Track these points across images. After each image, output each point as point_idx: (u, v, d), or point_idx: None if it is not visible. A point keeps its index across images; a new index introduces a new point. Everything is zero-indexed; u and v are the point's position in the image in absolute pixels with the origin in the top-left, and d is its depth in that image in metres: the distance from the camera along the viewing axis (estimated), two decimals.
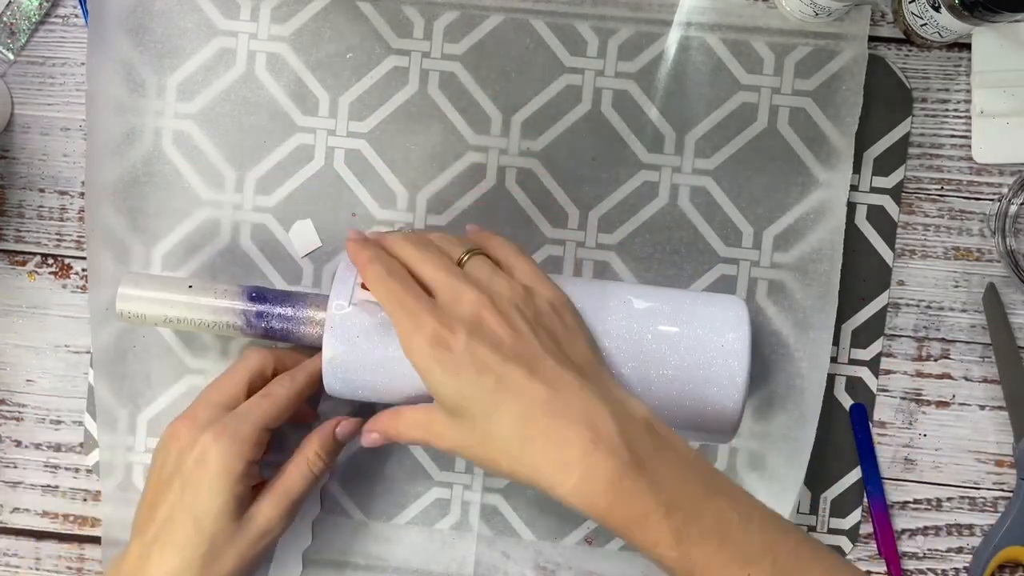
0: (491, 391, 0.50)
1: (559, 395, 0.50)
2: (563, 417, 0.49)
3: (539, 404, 0.49)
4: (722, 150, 0.65)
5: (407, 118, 0.66)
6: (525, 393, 0.50)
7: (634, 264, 0.65)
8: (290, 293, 0.61)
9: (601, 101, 0.65)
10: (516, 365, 0.50)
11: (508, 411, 0.49)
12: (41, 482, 0.68)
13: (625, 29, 0.65)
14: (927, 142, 0.66)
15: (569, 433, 0.48)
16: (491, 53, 0.66)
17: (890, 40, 0.66)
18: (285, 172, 0.66)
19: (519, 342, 0.51)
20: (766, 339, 0.65)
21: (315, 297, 0.61)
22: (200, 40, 0.66)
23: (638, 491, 0.47)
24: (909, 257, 0.66)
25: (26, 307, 0.68)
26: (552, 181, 0.66)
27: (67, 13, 0.67)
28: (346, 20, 0.66)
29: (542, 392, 0.49)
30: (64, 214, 0.68)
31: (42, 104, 0.68)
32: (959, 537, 0.67)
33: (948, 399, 0.66)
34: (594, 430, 0.48)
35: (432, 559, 0.66)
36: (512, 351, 0.51)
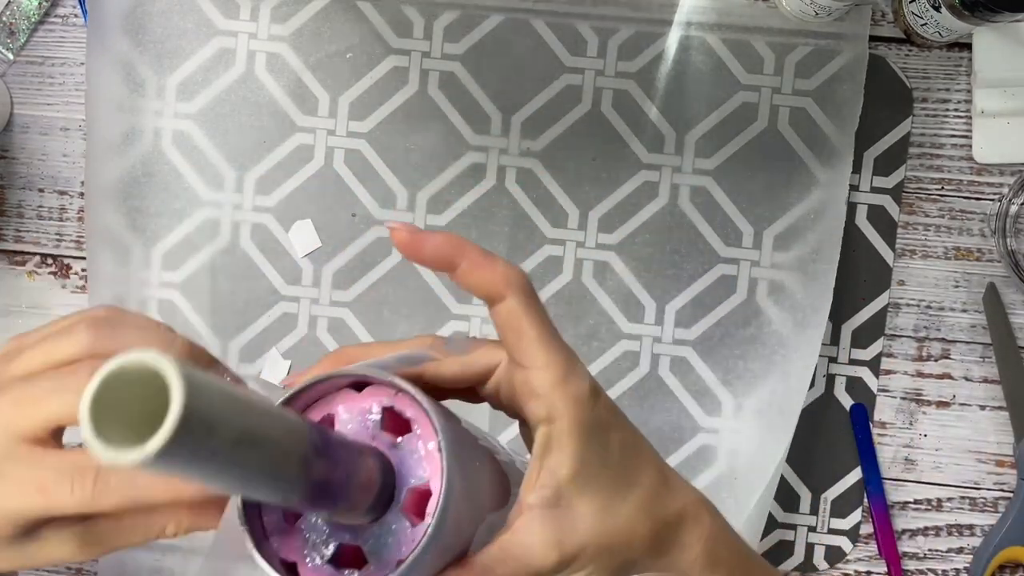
0: (632, 447, 0.41)
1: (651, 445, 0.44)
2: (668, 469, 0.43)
3: (655, 454, 0.43)
4: (722, 150, 0.65)
5: (407, 118, 0.66)
6: (645, 446, 0.42)
7: (634, 264, 0.65)
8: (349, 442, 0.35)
9: (601, 101, 0.65)
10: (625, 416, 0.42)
11: (647, 469, 0.41)
12: None
13: (625, 29, 0.65)
14: (927, 142, 0.66)
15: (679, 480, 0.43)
16: (491, 53, 0.66)
17: (890, 40, 0.66)
18: (285, 172, 0.66)
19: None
20: (766, 339, 0.65)
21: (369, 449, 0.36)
22: (200, 40, 0.66)
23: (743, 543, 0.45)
24: (909, 257, 0.66)
25: (26, 307, 0.68)
26: (552, 181, 0.66)
27: (67, 13, 0.67)
28: (346, 20, 0.66)
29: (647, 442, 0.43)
30: (64, 214, 0.68)
31: (41, 104, 0.67)
32: (959, 537, 0.66)
33: (948, 399, 0.66)
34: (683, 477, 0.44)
35: None
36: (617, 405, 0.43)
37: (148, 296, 0.66)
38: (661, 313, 0.66)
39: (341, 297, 0.66)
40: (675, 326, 0.66)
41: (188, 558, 0.66)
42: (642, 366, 0.66)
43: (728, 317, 0.65)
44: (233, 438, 0.28)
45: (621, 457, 0.40)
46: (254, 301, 0.66)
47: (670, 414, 0.66)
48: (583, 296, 0.66)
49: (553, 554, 0.38)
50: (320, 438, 0.32)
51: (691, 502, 0.42)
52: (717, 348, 0.65)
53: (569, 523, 0.38)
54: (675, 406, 0.66)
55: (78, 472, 0.38)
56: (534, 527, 0.38)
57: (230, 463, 0.29)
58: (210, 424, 0.27)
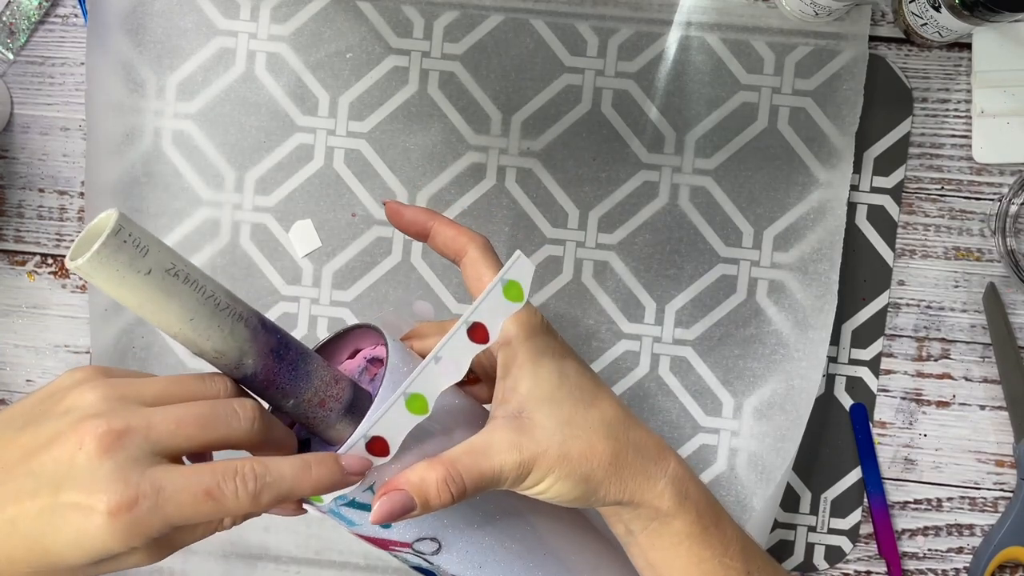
0: (590, 378, 0.47)
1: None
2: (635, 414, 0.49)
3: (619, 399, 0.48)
4: (722, 150, 0.65)
5: (407, 118, 0.66)
6: (608, 387, 0.48)
7: (634, 264, 0.65)
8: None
9: (601, 101, 0.65)
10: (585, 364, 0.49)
11: (607, 396, 0.47)
12: None
13: (625, 29, 0.65)
14: (927, 142, 0.66)
15: (648, 427, 0.48)
16: (491, 53, 0.66)
17: (890, 40, 0.66)
18: (285, 172, 0.66)
19: None
20: (766, 339, 0.65)
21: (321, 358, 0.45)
22: (200, 40, 0.66)
23: (711, 493, 0.49)
24: (909, 257, 0.66)
25: (26, 307, 0.68)
26: (552, 181, 0.66)
27: (67, 13, 0.67)
28: (346, 20, 0.66)
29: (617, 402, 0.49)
30: (64, 214, 0.68)
31: (42, 104, 0.67)
32: (959, 537, 0.66)
33: (948, 399, 0.66)
34: None
35: None
36: None
37: None
38: (661, 313, 0.66)
39: (341, 297, 0.66)
40: (675, 326, 0.66)
41: (188, 558, 0.66)
42: (642, 366, 0.66)
43: (728, 317, 0.65)
44: (166, 266, 0.38)
45: (578, 382, 0.46)
46: (254, 301, 0.66)
47: (670, 414, 0.66)
48: (583, 296, 0.66)
49: (513, 455, 0.43)
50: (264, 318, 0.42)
51: (654, 441, 0.47)
52: (717, 348, 0.65)
53: (528, 431, 0.44)
54: (675, 406, 0.66)
55: (238, 476, 0.39)
56: (496, 432, 0.44)
57: (167, 289, 0.38)
58: (144, 245, 0.37)
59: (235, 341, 0.41)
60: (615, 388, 0.66)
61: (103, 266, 0.37)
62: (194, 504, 0.38)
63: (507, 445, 0.44)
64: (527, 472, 0.44)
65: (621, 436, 0.46)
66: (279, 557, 0.66)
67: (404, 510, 0.42)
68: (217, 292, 0.40)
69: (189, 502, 0.38)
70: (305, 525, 0.66)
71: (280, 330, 0.42)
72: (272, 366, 0.42)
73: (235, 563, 0.66)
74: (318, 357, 0.44)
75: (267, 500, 0.40)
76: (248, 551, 0.66)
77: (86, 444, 0.38)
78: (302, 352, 0.43)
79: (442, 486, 0.42)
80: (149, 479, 0.38)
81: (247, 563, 0.66)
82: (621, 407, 0.47)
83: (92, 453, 0.38)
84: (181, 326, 0.40)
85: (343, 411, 0.44)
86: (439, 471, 0.42)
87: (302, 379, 0.42)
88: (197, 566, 0.66)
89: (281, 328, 0.43)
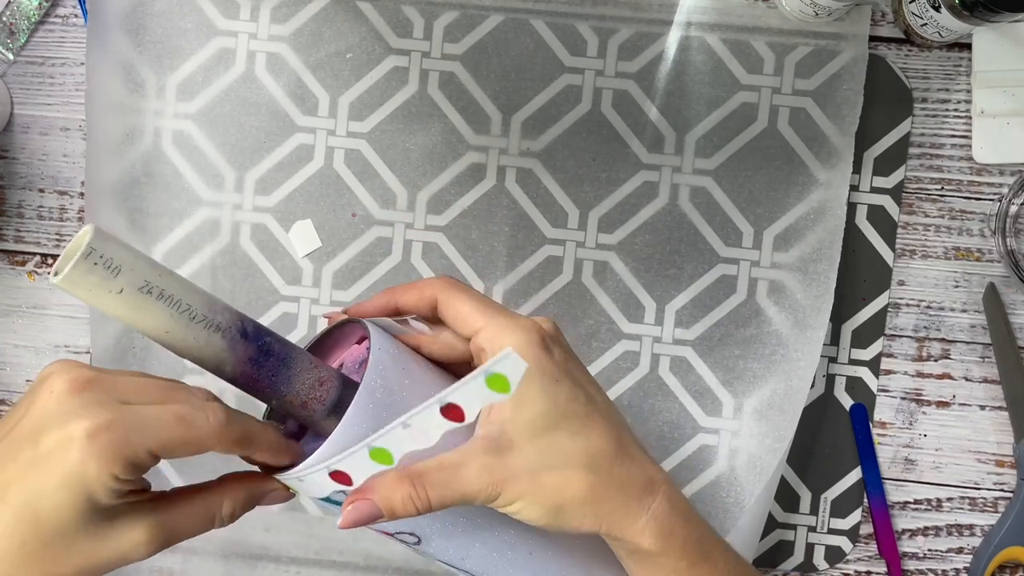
0: (584, 403, 0.46)
1: (627, 425, 0.49)
2: (637, 443, 0.48)
3: (623, 427, 0.48)
4: (722, 150, 0.65)
5: (407, 118, 0.66)
6: (610, 415, 0.47)
7: (634, 264, 0.65)
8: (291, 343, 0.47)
9: (601, 101, 0.65)
10: (595, 388, 0.48)
11: (600, 426, 0.46)
12: None
13: (625, 29, 0.65)
14: (927, 142, 0.66)
15: (646, 458, 0.47)
16: (491, 53, 0.66)
17: (890, 40, 0.66)
18: (285, 172, 0.66)
19: (585, 370, 0.49)
20: (766, 339, 0.65)
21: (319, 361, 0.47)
22: (200, 40, 0.66)
23: (703, 524, 0.48)
24: (909, 257, 0.66)
25: (26, 307, 0.68)
26: (552, 181, 0.66)
27: (67, 13, 0.67)
28: (346, 20, 0.66)
29: (619, 417, 0.48)
30: (64, 214, 0.68)
31: (42, 104, 0.68)
32: (959, 537, 0.67)
33: (948, 399, 0.66)
34: (655, 462, 0.48)
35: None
36: (587, 375, 0.49)
37: None
38: (661, 313, 0.66)
39: (341, 297, 0.66)
40: (675, 326, 0.66)
41: (188, 558, 0.66)
42: (642, 366, 0.66)
43: (728, 317, 0.65)
44: (138, 284, 0.41)
45: (568, 408, 0.45)
46: (255, 301, 0.66)
47: (670, 414, 0.66)
48: (583, 296, 0.66)
49: (483, 477, 0.44)
50: (250, 325, 0.44)
51: (644, 476, 0.46)
52: (717, 348, 0.65)
53: (504, 455, 0.44)
54: (675, 406, 0.66)
55: (208, 407, 0.43)
56: (472, 452, 0.44)
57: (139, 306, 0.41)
58: (115, 266, 0.40)
59: (211, 351, 0.43)
60: (615, 388, 0.66)
61: (76, 286, 0.40)
62: (168, 427, 0.41)
63: (478, 467, 0.44)
64: (496, 494, 0.44)
65: (603, 470, 0.45)
66: (279, 557, 0.66)
67: (371, 518, 0.44)
68: (194, 305, 0.42)
69: (164, 424, 0.41)
70: (305, 525, 0.66)
71: (263, 337, 0.44)
72: (250, 372, 0.44)
73: (235, 563, 0.66)
74: (305, 360, 0.45)
75: (235, 434, 0.43)
76: (248, 551, 0.66)
77: (56, 388, 0.41)
78: (284, 358, 0.45)
79: (407, 501, 0.43)
80: (122, 407, 0.41)
81: (247, 563, 0.66)
82: (613, 438, 0.46)
83: (63, 393, 0.40)
84: (158, 336, 0.42)
85: (327, 411, 0.46)
86: (405, 487, 0.43)
87: (282, 384, 0.45)
88: (197, 566, 0.66)
89: (267, 334, 0.45)
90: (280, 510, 0.66)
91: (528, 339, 0.45)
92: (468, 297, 0.47)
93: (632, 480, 0.46)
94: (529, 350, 0.45)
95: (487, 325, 0.46)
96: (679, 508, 0.47)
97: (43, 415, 0.41)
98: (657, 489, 0.47)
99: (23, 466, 0.41)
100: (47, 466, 0.40)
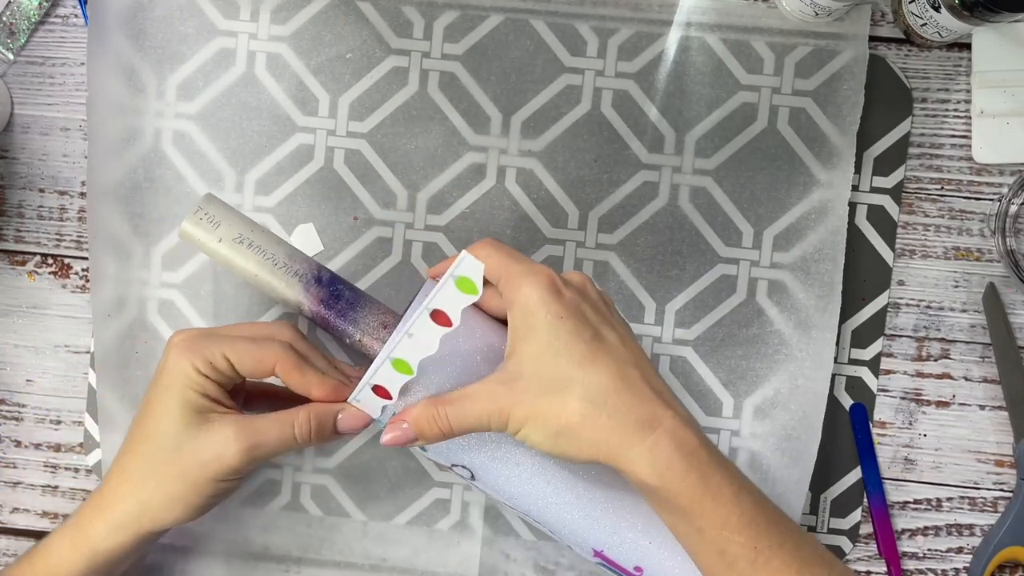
0: (589, 339, 0.51)
1: (645, 365, 0.52)
2: (650, 384, 0.51)
3: (631, 365, 0.51)
4: (722, 150, 0.65)
5: (407, 118, 0.66)
6: (618, 353, 0.51)
7: (635, 264, 0.66)
8: (361, 290, 0.59)
9: (601, 101, 0.65)
10: (611, 330, 0.52)
11: (601, 361, 0.50)
12: (41, 482, 0.68)
13: (625, 29, 0.65)
14: (927, 142, 0.66)
15: (653, 396, 0.51)
16: (491, 53, 0.66)
17: (890, 40, 0.66)
18: (285, 172, 0.66)
19: (613, 317, 0.54)
20: (768, 338, 0.65)
21: (383, 305, 0.59)
22: (200, 41, 0.66)
23: (715, 465, 0.50)
24: (909, 257, 0.66)
25: (26, 307, 0.68)
26: (552, 181, 0.66)
27: (67, 13, 0.67)
28: (346, 21, 0.66)
29: (633, 357, 0.52)
30: (64, 214, 0.68)
31: (42, 104, 0.67)
32: (959, 537, 0.67)
33: (948, 399, 0.66)
34: (673, 403, 0.51)
35: (435, 560, 0.66)
36: (608, 320, 0.53)
37: (148, 296, 0.66)
38: (661, 313, 0.66)
39: None
40: (675, 326, 0.66)
41: (188, 557, 0.66)
42: None
43: (729, 317, 0.65)
44: (233, 236, 0.57)
45: (572, 344, 0.50)
46: (256, 302, 0.66)
47: None
48: None
49: (492, 403, 0.50)
50: (325, 274, 0.57)
51: (647, 410, 0.50)
52: (719, 348, 0.65)
53: (512, 384, 0.50)
54: None
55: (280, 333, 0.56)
56: (486, 382, 0.51)
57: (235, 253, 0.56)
58: (216, 222, 0.57)
59: (291, 293, 0.57)
60: None
61: (189, 236, 0.57)
62: (237, 339, 0.55)
63: (488, 393, 0.51)
64: (505, 419, 0.50)
65: (599, 400, 0.50)
66: (279, 557, 0.66)
67: (407, 439, 0.53)
68: (278, 255, 0.57)
69: (235, 337, 0.55)
70: (306, 525, 0.66)
71: (336, 284, 0.57)
72: (323, 312, 0.57)
73: (235, 563, 0.66)
74: (371, 306, 0.57)
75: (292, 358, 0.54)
76: (248, 551, 0.66)
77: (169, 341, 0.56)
78: (352, 302, 0.57)
79: (431, 421, 0.52)
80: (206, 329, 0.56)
81: (247, 563, 0.66)
82: (614, 373, 0.50)
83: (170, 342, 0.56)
84: (250, 279, 0.57)
85: None
86: (430, 410, 0.52)
87: (350, 323, 0.57)
88: (198, 566, 0.66)
89: (340, 283, 0.57)
90: (281, 509, 0.66)
91: (536, 282, 0.51)
92: (494, 251, 0.53)
93: (630, 412, 0.50)
94: (535, 291, 0.51)
95: (504, 275, 0.52)
96: (684, 445, 0.49)
97: (162, 355, 0.56)
98: (658, 424, 0.50)
99: (148, 393, 0.56)
100: (155, 383, 0.55)
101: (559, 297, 0.51)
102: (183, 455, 0.54)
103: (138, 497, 0.54)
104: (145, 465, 0.54)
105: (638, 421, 0.50)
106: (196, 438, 0.54)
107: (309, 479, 0.66)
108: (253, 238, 0.57)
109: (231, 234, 0.56)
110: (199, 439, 0.54)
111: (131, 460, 0.55)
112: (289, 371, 0.55)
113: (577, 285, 0.53)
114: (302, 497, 0.66)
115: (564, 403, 0.50)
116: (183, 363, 0.54)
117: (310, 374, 0.55)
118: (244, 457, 0.54)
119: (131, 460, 0.55)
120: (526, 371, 0.50)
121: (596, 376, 0.50)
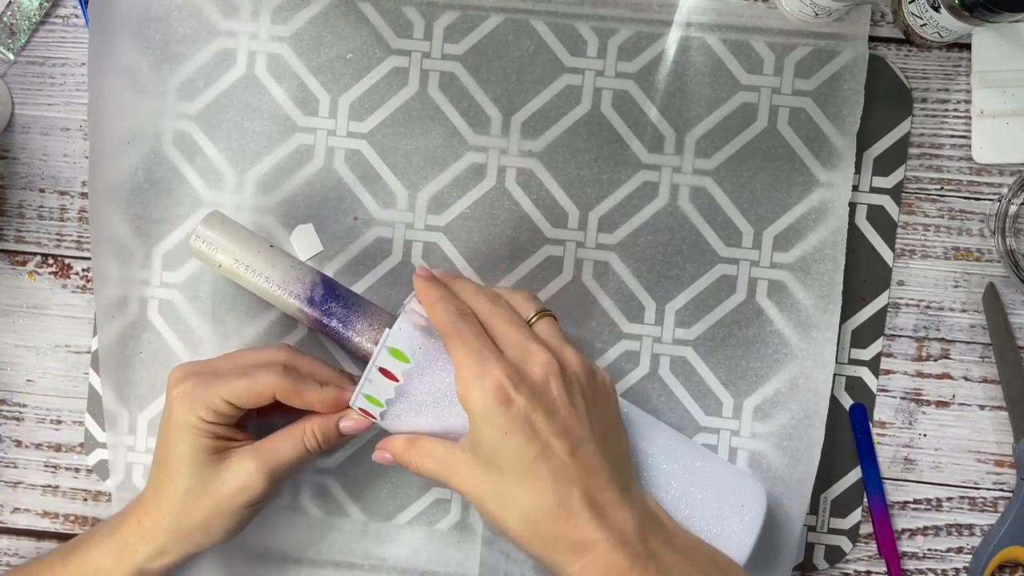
0: (532, 459, 0.52)
1: (591, 481, 0.52)
2: (589, 503, 0.52)
3: (573, 484, 0.52)
4: (722, 150, 0.65)
5: (407, 118, 0.66)
6: (562, 472, 0.52)
7: (635, 265, 0.66)
8: (359, 297, 0.61)
9: (601, 101, 0.65)
10: (562, 440, 0.52)
11: (541, 483, 0.52)
12: (41, 482, 0.68)
13: (625, 29, 0.65)
14: (927, 142, 0.66)
15: (591, 519, 0.51)
16: (491, 53, 0.66)
17: (890, 40, 0.66)
18: (285, 173, 0.66)
19: (572, 418, 0.53)
20: (767, 339, 0.65)
21: (379, 311, 0.61)
22: (200, 41, 0.66)
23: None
24: (909, 257, 0.66)
25: (26, 307, 0.68)
26: (552, 181, 0.66)
27: (67, 13, 0.67)
28: (346, 21, 0.66)
29: (575, 475, 0.52)
30: (64, 214, 0.68)
31: (42, 104, 0.68)
32: (959, 537, 0.67)
33: (948, 399, 0.66)
34: (615, 521, 0.52)
35: (435, 560, 0.66)
36: (563, 426, 0.53)
37: (149, 296, 0.66)
38: (661, 313, 0.66)
39: None
40: (675, 326, 0.66)
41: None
42: (642, 366, 0.66)
43: (729, 317, 0.65)
44: (230, 261, 0.59)
45: (516, 462, 0.52)
46: (256, 302, 0.66)
47: (672, 414, 0.66)
48: (583, 296, 0.66)
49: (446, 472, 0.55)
50: (318, 294, 0.60)
51: (580, 537, 0.51)
52: (719, 348, 0.65)
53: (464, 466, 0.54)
54: (676, 406, 0.66)
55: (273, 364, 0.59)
56: (451, 449, 0.55)
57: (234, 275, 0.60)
58: (215, 247, 0.59)
59: (290, 310, 0.60)
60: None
61: (195, 255, 0.60)
62: (233, 380, 0.57)
63: (445, 464, 0.55)
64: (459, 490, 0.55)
65: (534, 523, 0.52)
66: (279, 557, 0.66)
67: (387, 461, 0.58)
68: (273, 278, 0.60)
69: (231, 378, 0.57)
70: (306, 525, 0.66)
71: (328, 303, 0.60)
72: (319, 328, 0.60)
73: (235, 563, 0.66)
74: (364, 321, 0.59)
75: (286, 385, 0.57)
76: (248, 551, 0.66)
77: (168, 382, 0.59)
78: (344, 320, 0.60)
79: (403, 454, 0.57)
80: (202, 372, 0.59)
81: (247, 563, 0.66)
82: (552, 495, 0.52)
83: (169, 384, 0.59)
84: (256, 293, 0.60)
85: None
86: (404, 447, 0.57)
87: (345, 342, 0.60)
88: (198, 566, 0.66)
89: (333, 300, 0.60)
90: (280, 510, 0.66)
91: (483, 387, 0.52)
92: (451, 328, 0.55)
93: (563, 538, 0.51)
94: (482, 399, 0.52)
95: (457, 367, 0.54)
96: (613, 571, 0.51)
97: (165, 396, 0.59)
98: (589, 551, 0.51)
99: (159, 437, 0.59)
100: (166, 433, 0.58)
101: (507, 408, 0.52)
102: (211, 493, 0.58)
103: (179, 528, 0.58)
104: (178, 506, 0.58)
105: (571, 546, 0.51)
106: (220, 476, 0.58)
107: (309, 479, 0.66)
108: (249, 261, 0.59)
109: (227, 260, 0.59)
110: (223, 476, 0.58)
111: (164, 499, 0.58)
112: (288, 396, 0.58)
113: (536, 382, 0.53)
114: (302, 497, 0.67)
115: (504, 515, 0.52)
116: (188, 416, 0.57)
117: (309, 393, 0.58)
118: (268, 481, 0.58)
119: (164, 499, 0.58)
120: (480, 462, 0.53)
121: (533, 499, 0.52)
